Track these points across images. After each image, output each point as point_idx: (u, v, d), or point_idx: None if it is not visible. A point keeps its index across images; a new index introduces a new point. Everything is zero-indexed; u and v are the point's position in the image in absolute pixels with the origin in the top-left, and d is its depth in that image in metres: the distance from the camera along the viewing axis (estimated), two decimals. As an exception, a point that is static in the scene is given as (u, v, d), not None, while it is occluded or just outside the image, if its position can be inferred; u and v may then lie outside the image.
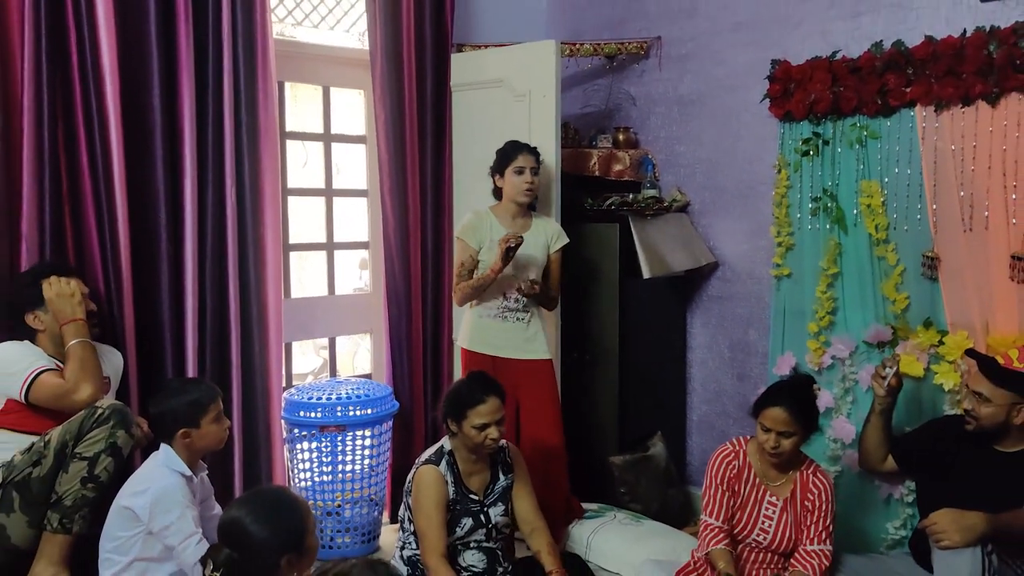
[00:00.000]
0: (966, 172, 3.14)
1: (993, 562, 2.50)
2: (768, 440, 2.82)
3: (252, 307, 3.54)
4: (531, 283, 3.41)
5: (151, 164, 3.19)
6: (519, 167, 3.47)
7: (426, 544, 2.81)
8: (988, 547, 2.51)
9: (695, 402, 4.30)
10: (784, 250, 3.67)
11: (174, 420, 2.55)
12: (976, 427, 2.87)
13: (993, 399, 2.82)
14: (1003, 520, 2.56)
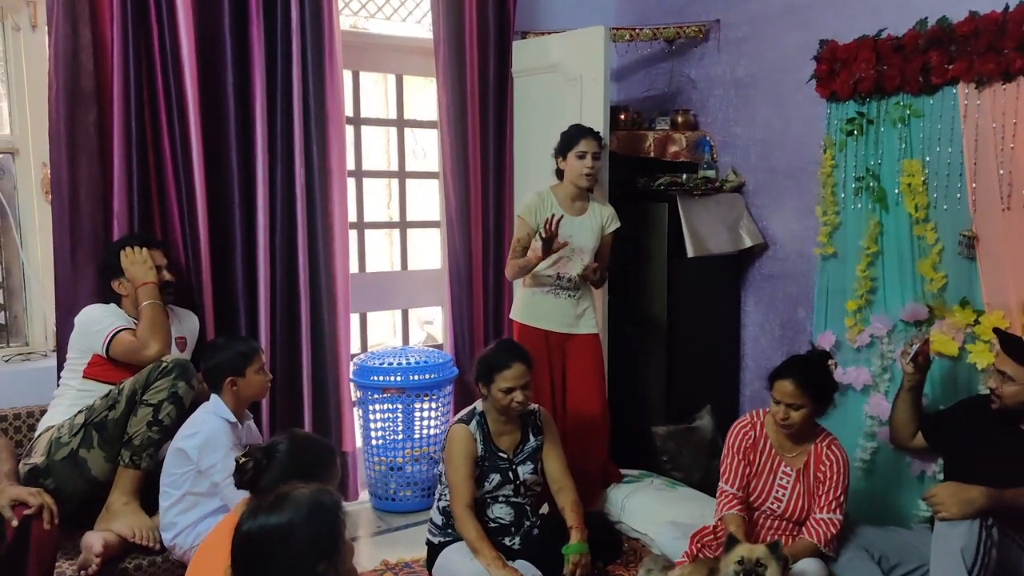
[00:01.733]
0: (1006, 150, 3.03)
1: (993, 535, 2.46)
2: (778, 412, 2.84)
3: (321, 279, 3.78)
4: (592, 269, 3.51)
5: (226, 148, 3.46)
6: (581, 151, 3.54)
7: (455, 495, 2.98)
8: (988, 520, 2.46)
9: (748, 378, 4.30)
10: (829, 229, 3.62)
11: (222, 370, 2.81)
12: (1000, 406, 2.81)
13: (1017, 378, 2.75)
14: (1006, 496, 2.51)
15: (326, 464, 2.13)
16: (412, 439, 3.97)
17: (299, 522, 1.64)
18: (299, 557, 1.62)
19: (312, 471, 1.96)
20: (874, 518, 3.26)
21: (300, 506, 1.66)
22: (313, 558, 1.63)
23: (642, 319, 4.12)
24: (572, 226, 3.56)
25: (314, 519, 1.65)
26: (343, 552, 1.71)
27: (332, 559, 1.66)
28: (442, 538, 3.07)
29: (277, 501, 1.67)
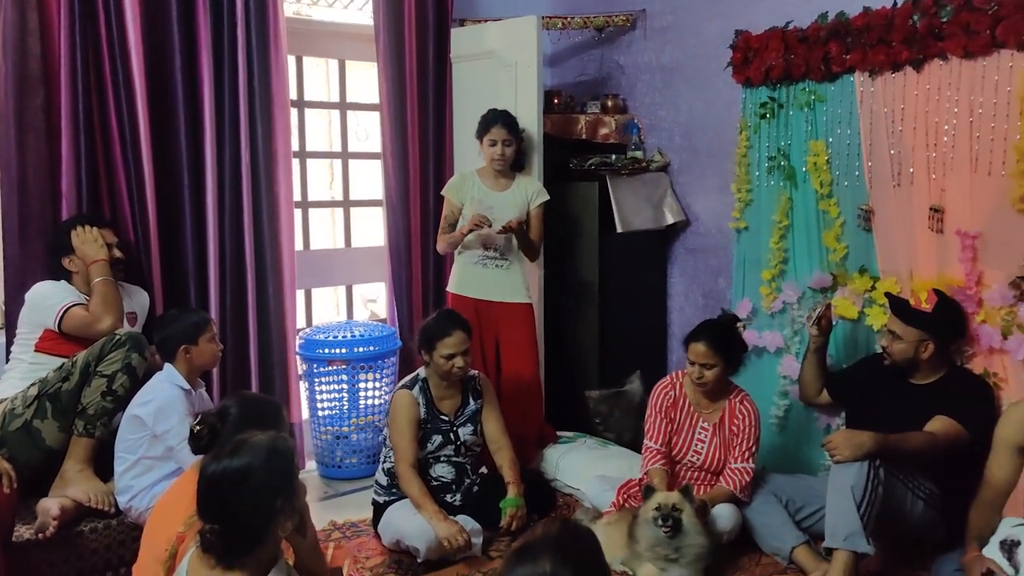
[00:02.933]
0: (895, 132, 3.30)
1: (880, 475, 2.72)
2: (693, 371, 3.07)
3: (267, 256, 3.89)
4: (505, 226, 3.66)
5: (174, 130, 3.55)
6: (492, 139, 3.74)
7: (399, 455, 3.15)
8: (876, 462, 2.72)
9: (674, 345, 4.54)
10: (743, 205, 3.87)
11: (176, 339, 2.93)
12: (891, 362, 3.08)
13: (904, 336, 3.03)
14: (891, 440, 2.77)
15: (275, 417, 2.27)
16: (357, 409, 4.12)
17: (258, 464, 1.79)
18: (259, 495, 1.78)
19: (263, 426, 2.08)
20: (786, 468, 3.55)
21: (258, 450, 1.81)
22: (272, 495, 1.79)
23: (576, 291, 4.33)
24: (494, 200, 3.76)
25: (271, 461, 1.81)
26: (297, 490, 1.88)
27: (288, 496, 1.83)
28: (387, 497, 3.24)
29: (237, 447, 1.83)
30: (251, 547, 1.78)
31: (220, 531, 1.76)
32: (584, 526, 1.58)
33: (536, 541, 1.47)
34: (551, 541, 1.46)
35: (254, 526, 1.78)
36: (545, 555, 1.42)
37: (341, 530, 3.44)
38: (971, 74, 3.06)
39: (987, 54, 3.00)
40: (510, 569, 1.44)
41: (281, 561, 1.85)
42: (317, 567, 2.02)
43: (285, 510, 1.81)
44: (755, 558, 3.07)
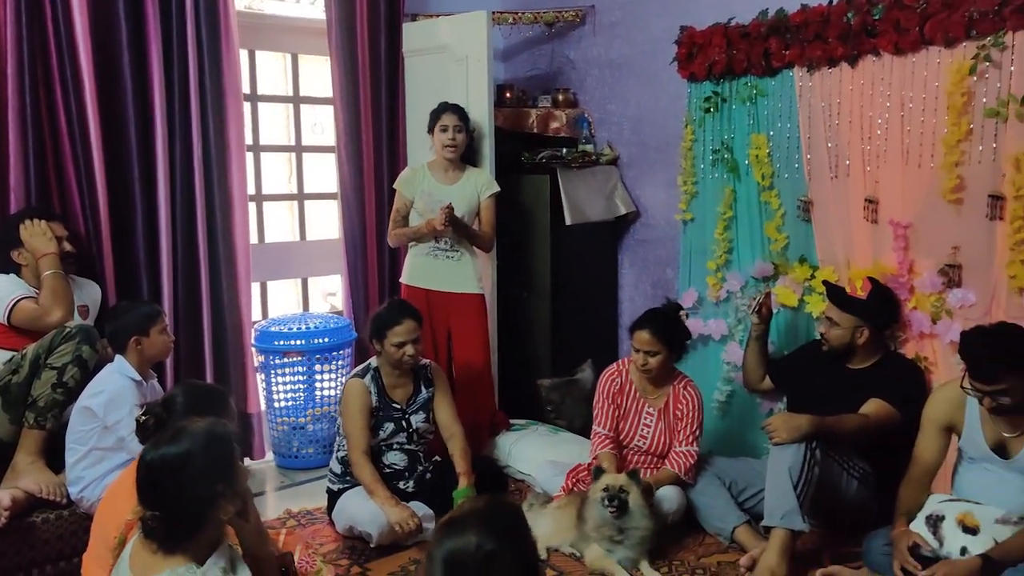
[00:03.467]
0: (832, 126, 3.40)
1: (816, 456, 2.82)
2: (638, 358, 3.15)
3: (220, 249, 3.89)
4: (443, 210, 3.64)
5: (124, 124, 3.54)
6: (444, 125, 3.79)
7: (351, 443, 3.19)
8: (813, 444, 2.82)
9: (625, 334, 4.55)
10: (689, 197, 3.95)
11: (128, 330, 2.92)
12: (829, 348, 3.19)
13: (840, 323, 3.13)
14: (827, 422, 2.88)
15: (221, 405, 2.29)
16: (314, 400, 4.14)
17: (196, 450, 1.81)
18: (198, 480, 1.80)
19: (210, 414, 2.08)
20: (730, 451, 3.64)
21: (196, 436, 1.83)
22: (211, 481, 1.81)
23: (528, 282, 4.40)
24: (444, 192, 3.80)
25: (210, 446, 1.83)
26: (237, 474, 1.90)
27: (228, 480, 1.85)
28: (341, 485, 3.28)
29: (176, 434, 1.85)
30: (192, 532, 1.80)
31: (160, 517, 1.79)
32: (510, 502, 1.63)
33: (463, 515, 1.51)
34: (478, 515, 1.50)
35: (194, 511, 1.81)
36: (471, 529, 1.46)
37: (296, 518, 3.47)
38: (902, 70, 3.17)
39: (916, 51, 3.11)
40: (438, 542, 1.48)
41: (223, 545, 1.87)
42: (261, 551, 2.04)
43: (226, 494, 1.83)
44: (699, 538, 3.16)
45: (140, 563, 1.81)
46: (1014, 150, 2.88)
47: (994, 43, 2.89)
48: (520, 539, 1.52)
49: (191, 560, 1.79)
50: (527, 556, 1.53)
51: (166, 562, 1.78)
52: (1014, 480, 2.63)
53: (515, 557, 1.48)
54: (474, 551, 1.43)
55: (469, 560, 1.43)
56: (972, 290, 3.08)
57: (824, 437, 2.87)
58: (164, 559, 1.78)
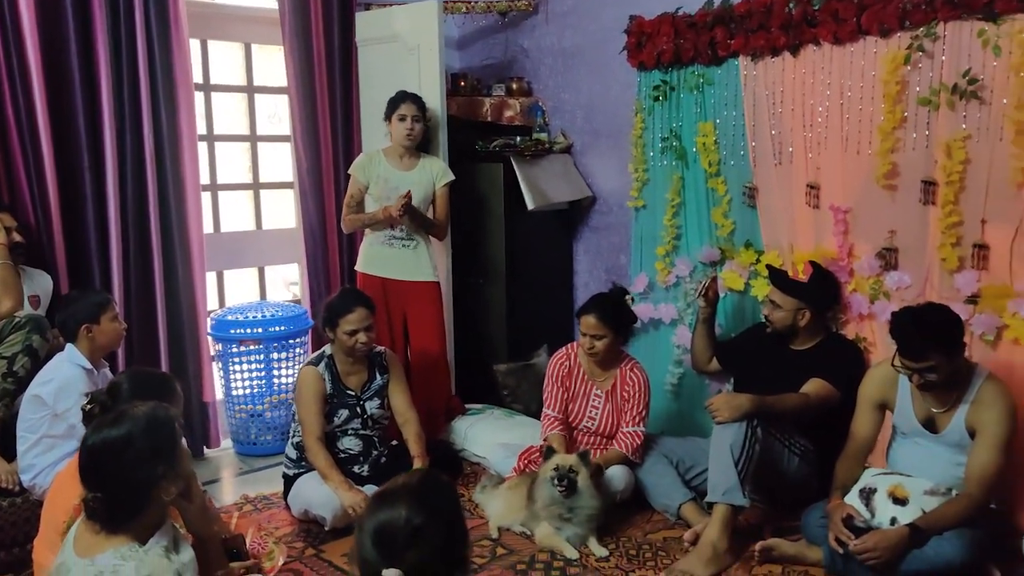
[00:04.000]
0: (776, 114, 3.48)
1: (757, 434, 2.91)
2: (585, 342, 3.22)
3: (175, 239, 3.89)
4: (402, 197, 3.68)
5: (72, 114, 3.53)
6: (401, 115, 3.81)
7: (306, 429, 3.22)
8: (754, 422, 2.90)
9: (580, 320, 4.68)
10: (640, 184, 4.02)
11: (77, 318, 2.92)
12: (773, 329, 3.27)
13: (783, 305, 3.22)
14: (768, 401, 2.96)
15: (166, 390, 2.31)
16: (272, 388, 4.16)
17: (137, 432, 1.83)
18: (140, 462, 1.82)
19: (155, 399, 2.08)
20: (680, 432, 3.73)
21: (138, 419, 1.86)
22: (153, 462, 1.84)
23: (484, 269, 4.44)
24: (399, 179, 3.84)
25: (151, 429, 1.86)
26: (179, 456, 1.93)
27: (170, 462, 1.88)
28: (296, 470, 3.31)
29: (117, 417, 1.87)
30: (134, 513, 1.83)
31: (103, 499, 1.81)
32: (443, 478, 1.66)
33: (396, 488, 1.55)
34: (410, 489, 1.54)
35: (136, 493, 1.83)
36: (402, 501, 1.49)
37: (253, 503, 3.50)
38: (841, 59, 3.25)
39: (854, 41, 3.20)
40: (370, 513, 1.52)
41: (167, 524, 1.90)
42: (205, 531, 2.07)
43: (167, 476, 1.86)
44: (646, 515, 3.24)
45: (84, 543, 1.83)
46: (945, 137, 2.98)
47: (926, 34, 2.98)
48: (450, 515, 1.56)
49: (134, 540, 1.82)
50: (455, 532, 1.56)
51: (109, 542, 1.81)
52: (943, 453, 2.75)
53: (443, 533, 1.51)
54: (403, 525, 1.47)
55: (397, 533, 1.46)
56: (907, 272, 3.18)
57: (765, 416, 2.96)
58: (107, 539, 1.81)
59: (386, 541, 1.46)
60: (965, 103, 2.91)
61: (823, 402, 3.11)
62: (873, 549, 2.57)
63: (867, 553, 2.59)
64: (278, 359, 4.15)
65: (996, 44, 2.81)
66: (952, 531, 2.57)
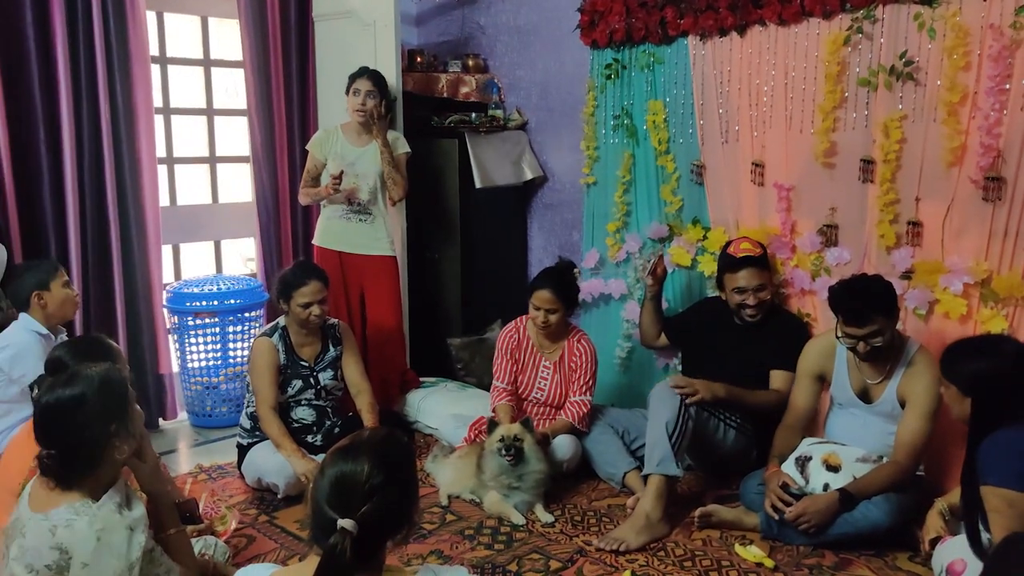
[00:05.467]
0: (723, 93, 3.51)
1: (690, 411, 2.97)
2: (538, 316, 3.24)
3: (130, 211, 3.84)
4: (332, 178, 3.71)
5: (27, 85, 3.47)
6: (356, 89, 3.78)
7: (259, 399, 3.22)
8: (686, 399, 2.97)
9: (535, 295, 4.70)
10: (592, 162, 4.03)
11: (27, 286, 2.91)
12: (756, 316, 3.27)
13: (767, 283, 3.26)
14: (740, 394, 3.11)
15: (107, 353, 2.32)
16: (227, 360, 4.13)
17: (91, 392, 1.86)
18: (93, 420, 1.85)
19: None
20: (628, 404, 3.77)
21: (91, 379, 1.88)
22: (106, 421, 1.86)
23: (439, 244, 4.44)
24: (356, 155, 3.83)
25: (104, 389, 1.88)
26: (132, 416, 1.95)
27: (123, 421, 1.90)
28: (250, 439, 3.31)
29: (70, 377, 1.89)
30: (87, 470, 1.86)
31: (56, 456, 1.84)
32: (403, 439, 1.69)
33: (360, 442, 1.59)
34: (374, 444, 1.58)
35: (89, 450, 1.85)
36: (365, 456, 1.53)
37: (207, 472, 3.49)
38: (785, 40, 3.29)
39: (798, 22, 3.24)
40: (332, 462, 1.55)
41: (119, 482, 1.93)
42: (158, 489, 2.08)
43: (120, 434, 1.88)
44: (592, 484, 3.29)
45: (38, 499, 1.86)
46: (883, 117, 3.03)
47: (866, 16, 3.03)
48: (406, 476, 1.61)
49: (87, 496, 1.85)
50: (408, 492, 1.61)
51: (63, 497, 1.84)
52: (876, 423, 2.83)
53: (397, 491, 1.55)
54: (364, 479, 1.51)
55: (357, 485, 1.50)
56: (847, 248, 3.25)
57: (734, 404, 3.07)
58: (61, 495, 1.84)
59: (344, 492, 1.50)
60: (902, 84, 2.97)
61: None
62: (804, 514, 2.65)
63: (800, 518, 2.66)
64: (233, 332, 4.12)
65: (931, 27, 2.86)
66: (880, 496, 2.65)
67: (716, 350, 3.32)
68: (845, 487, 2.66)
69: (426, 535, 2.89)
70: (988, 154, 2.79)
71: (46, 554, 1.79)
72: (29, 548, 1.80)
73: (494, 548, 2.82)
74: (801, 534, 2.70)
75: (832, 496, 2.65)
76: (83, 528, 1.80)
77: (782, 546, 2.76)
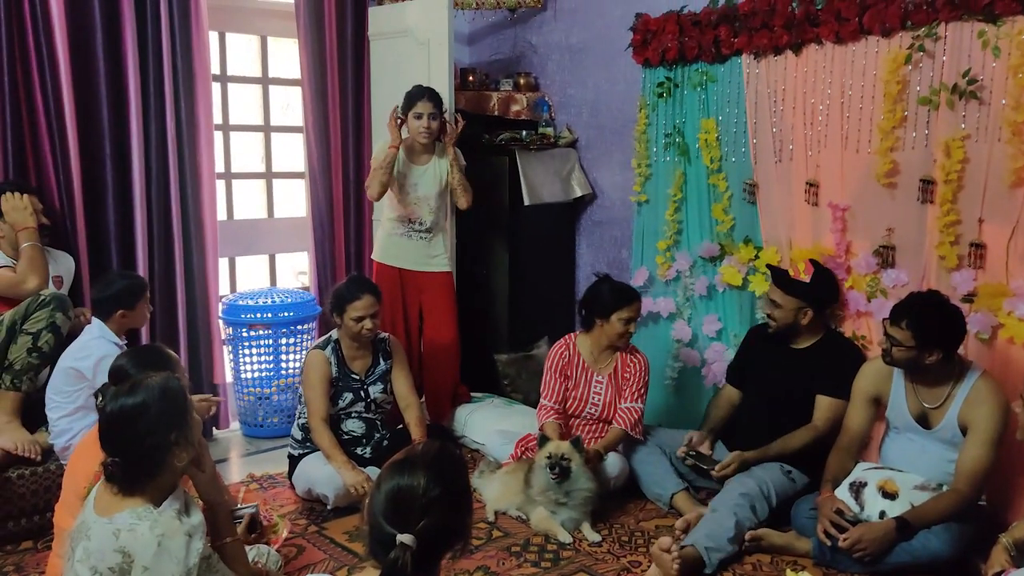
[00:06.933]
0: (777, 112, 3.45)
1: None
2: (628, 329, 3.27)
3: (191, 225, 3.91)
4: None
5: (97, 103, 3.57)
6: (418, 112, 3.76)
7: (311, 410, 3.23)
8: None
9: (582, 312, 4.66)
10: (643, 179, 3.99)
11: (116, 301, 2.99)
12: (775, 329, 3.21)
13: (784, 305, 3.16)
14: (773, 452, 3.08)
15: (166, 361, 2.36)
16: (279, 371, 4.16)
17: (152, 401, 1.89)
18: (153, 429, 1.88)
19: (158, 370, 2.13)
20: (677, 424, 3.70)
21: (152, 389, 1.91)
22: (165, 430, 1.89)
23: (488, 260, 4.43)
24: (416, 175, 3.83)
25: (164, 398, 1.91)
26: (191, 425, 1.97)
27: (182, 429, 1.93)
28: (301, 451, 3.32)
29: (133, 387, 1.93)
30: (149, 477, 1.89)
31: (120, 463, 1.88)
32: (458, 453, 1.71)
33: (415, 456, 1.58)
34: (429, 459, 1.57)
35: (150, 458, 1.89)
36: (421, 470, 1.53)
37: (259, 482, 3.51)
38: (842, 58, 3.22)
39: (856, 40, 3.16)
40: (388, 476, 1.55)
41: (179, 490, 1.96)
42: (215, 498, 2.11)
43: (180, 443, 1.91)
44: (640, 504, 3.23)
45: (103, 504, 1.91)
46: (944, 137, 2.94)
47: (927, 34, 2.95)
48: (463, 490, 1.61)
49: (149, 502, 1.89)
50: (463, 505, 1.61)
51: (125, 502, 1.88)
52: (935, 449, 2.72)
53: (453, 505, 1.55)
54: (421, 493, 1.51)
55: (414, 500, 1.51)
56: (904, 270, 3.15)
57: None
58: (124, 500, 1.88)
59: (401, 507, 1.51)
60: (964, 103, 2.88)
61: (834, 423, 3.03)
62: (859, 541, 2.55)
63: (855, 546, 2.57)
64: (286, 344, 4.15)
65: (996, 45, 2.77)
66: (939, 526, 2.55)
67: (772, 377, 3.22)
68: (902, 515, 2.56)
69: (473, 551, 2.86)
70: (1054, 175, 2.68)
71: (109, 557, 1.82)
72: (94, 551, 1.84)
73: (540, 566, 2.78)
74: (856, 562, 2.61)
75: (889, 524, 2.55)
76: (145, 532, 1.84)
77: (836, 573, 2.67)
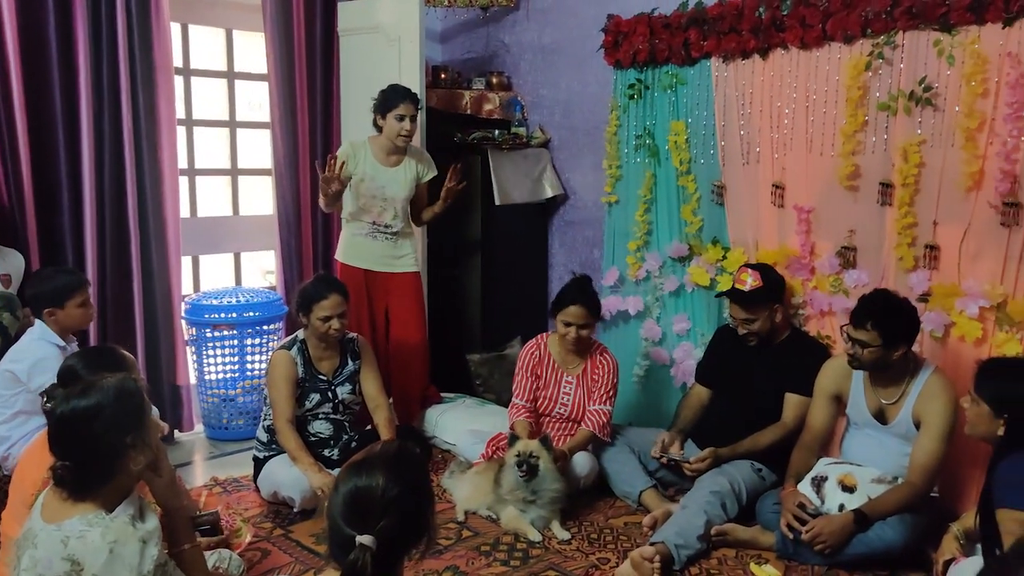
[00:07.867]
0: (745, 115, 3.67)
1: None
2: (570, 332, 3.39)
3: (150, 222, 4.02)
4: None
5: (48, 94, 3.66)
6: (400, 114, 3.83)
7: (276, 412, 3.37)
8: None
9: (553, 313, 4.85)
10: (613, 180, 4.20)
11: (41, 301, 3.04)
12: (756, 340, 3.38)
13: (756, 316, 3.34)
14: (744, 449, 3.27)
15: (119, 362, 2.38)
16: (245, 373, 4.30)
17: (106, 402, 1.87)
18: (109, 431, 1.86)
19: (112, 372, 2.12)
20: (646, 422, 3.91)
21: (107, 390, 1.90)
22: (121, 432, 1.88)
23: (460, 260, 4.61)
24: (385, 177, 3.94)
25: (120, 400, 1.90)
26: (148, 427, 1.95)
27: (139, 432, 1.91)
28: (267, 453, 3.46)
29: (86, 388, 1.92)
30: (102, 481, 1.88)
31: (71, 467, 1.86)
32: (415, 450, 1.76)
33: (374, 457, 1.66)
34: (387, 459, 1.65)
35: (104, 461, 1.87)
36: (379, 470, 1.61)
37: (223, 485, 3.64)
38: (807, 63, 3.45)
39: (819, 46, 3.40)
40: (346, 477, 1.63)
41: (133, 495, 1.95)
42: (172, 503, 2.12)
43: (136, 445, 1.90)
44: (609, 501, 3.43)
45: (51, 510, 1.89)
46: (902, 141, 3.18)
47: (886, 42, 3.18)
48: (422, 489, 1.69)
49: (101, 507, 1.87)
50: (424, 505, 1.68)
51: (76, 508, 1.86)
52: (892, 443, 2.95)
53: (413, 504, 1.63)
54: (379, 494, 1.58)
55: (373, 500, 1.57)
56: (866, 271, 3.38)
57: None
58: (74, 505, 1.86)
59: (360, 508, 1.57)
60: (921, 109, 3.12)
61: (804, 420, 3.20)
62: (820, 534, 2.77)
63: (816, 538, 2.78)
64: (252, 345, 4.29)
65: (950, 54, 3.01)
66: (894, 517, 2.77)
67: (736, 375, 3.43)
68: (860, 508, 2.78)
69: (442, 551, 3.02)
70: (1006, 180, 2.92)
71: (57, 565, 1.79)
72: (40, 559, 1.81)
73: (510, 564, 2.95)
74: (816, 554, 2.82)
75: (847, 517, 2.77)
76: (95, 540, 1.81)
77: (797, 565, 2.88)
